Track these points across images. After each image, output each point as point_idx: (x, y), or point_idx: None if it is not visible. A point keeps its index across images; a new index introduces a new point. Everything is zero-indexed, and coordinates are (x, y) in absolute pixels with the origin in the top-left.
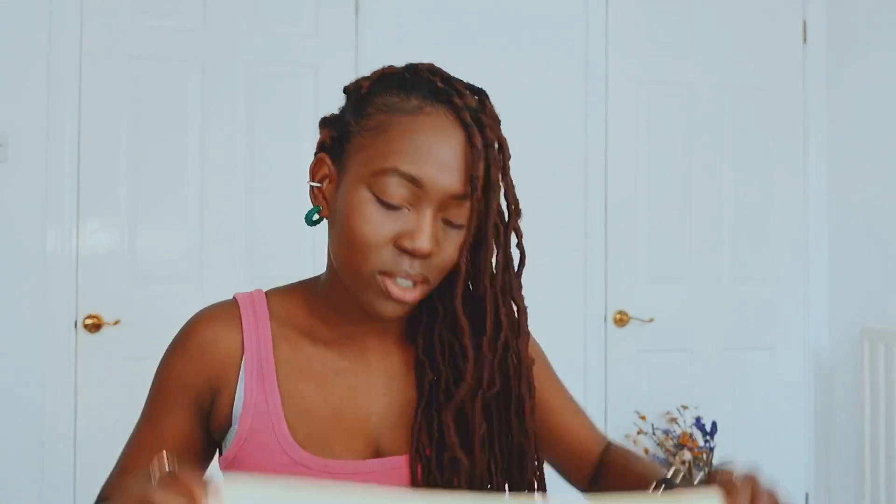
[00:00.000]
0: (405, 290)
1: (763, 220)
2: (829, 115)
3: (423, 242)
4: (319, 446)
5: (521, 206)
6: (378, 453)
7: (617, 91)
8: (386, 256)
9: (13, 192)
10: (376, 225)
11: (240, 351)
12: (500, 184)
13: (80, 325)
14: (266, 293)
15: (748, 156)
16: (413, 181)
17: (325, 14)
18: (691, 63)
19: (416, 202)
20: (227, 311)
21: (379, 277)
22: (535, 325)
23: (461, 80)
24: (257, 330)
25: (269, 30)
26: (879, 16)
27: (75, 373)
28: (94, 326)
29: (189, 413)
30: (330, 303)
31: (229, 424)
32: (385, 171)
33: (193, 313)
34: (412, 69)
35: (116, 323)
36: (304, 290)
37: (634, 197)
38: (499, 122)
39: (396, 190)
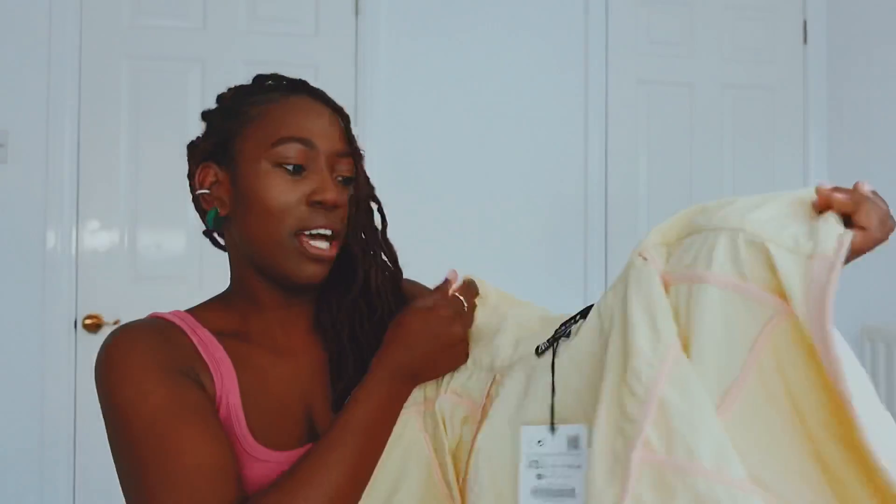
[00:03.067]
0: (322, 249)
1: None
2: (829, 115)
3: (331, 193)
4: (271, 438)
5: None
6: (316, 437)
7: (617, 91)
8: (300, 215)
9: (13, 192)
10: (285, 188)
11: (193, 346)
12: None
13: (79, 324)
14: (184, 311)
15: (748, 156)
16: (305, 142)
17: (325, 14)
18: (691, 63)
19: (310, 163)
20: (155, 321)
21: (297, 239)
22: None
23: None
24: (195, 332)
25: (269, 30)
26: (879, 15)
27: (75, 373)
28: (94, 326)
29: (198, 385)
30: (248, 297)
31: None
32: (280, 140)
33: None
34: (260, 77)
35: (116, 323)
36: (218, 299)
37: (634, 196)
38: None
39: (293, 153)
